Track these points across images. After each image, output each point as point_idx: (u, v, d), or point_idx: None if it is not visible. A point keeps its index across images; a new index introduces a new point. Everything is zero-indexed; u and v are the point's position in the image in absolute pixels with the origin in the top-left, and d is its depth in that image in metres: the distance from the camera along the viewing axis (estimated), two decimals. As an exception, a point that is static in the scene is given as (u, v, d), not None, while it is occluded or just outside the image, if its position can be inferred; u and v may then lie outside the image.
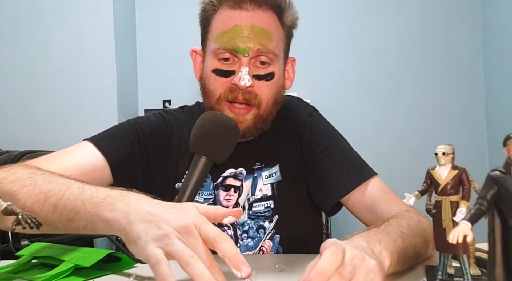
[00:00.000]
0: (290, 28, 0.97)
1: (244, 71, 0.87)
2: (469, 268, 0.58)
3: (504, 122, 2.30)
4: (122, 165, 0.92)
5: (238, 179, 0.97)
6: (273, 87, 0.92)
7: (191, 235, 0.55)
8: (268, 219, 0.95)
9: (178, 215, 0.56)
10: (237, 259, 0.53)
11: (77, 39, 2.18)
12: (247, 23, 0.87)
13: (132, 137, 0.95)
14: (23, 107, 2.19)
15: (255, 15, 0.88)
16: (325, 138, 0.98)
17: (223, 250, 0.54)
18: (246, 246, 0.94)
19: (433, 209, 0.61)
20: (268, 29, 0.89)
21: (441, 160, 0.61)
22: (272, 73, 0.91)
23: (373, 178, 0.93)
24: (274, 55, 0.90)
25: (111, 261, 0.77)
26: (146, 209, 0.58)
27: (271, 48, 0.89)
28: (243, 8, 0.88)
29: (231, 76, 0.88)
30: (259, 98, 0.90)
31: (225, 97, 0.89)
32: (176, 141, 1.00)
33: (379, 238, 0.64)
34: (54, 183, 0.70)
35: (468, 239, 0.46)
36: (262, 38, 0.88)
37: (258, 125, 0.92)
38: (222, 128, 0.73)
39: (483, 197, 0.48)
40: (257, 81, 0.89)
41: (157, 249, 0.54)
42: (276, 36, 0.91)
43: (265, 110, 0.92)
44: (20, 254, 0.78)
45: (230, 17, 0.89)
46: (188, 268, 0.52)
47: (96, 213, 0.63)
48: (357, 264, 0.51)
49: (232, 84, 0.88)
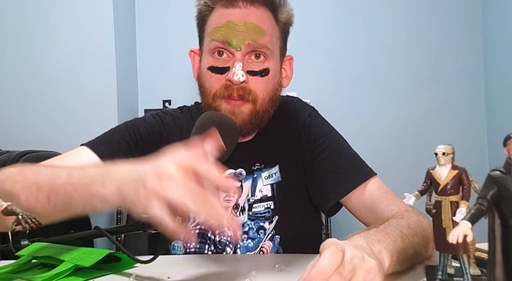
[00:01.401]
0: (286, 25, 0.97)
1: (238, 66, 0.87)
2: (469, 268, 0.58)
3: (504, 122, 2.30)
4: None
5: (237, 180, 0.97)
6: (268, 84, 0.92)
7: (173, 177, 0.55)
8: (268, 220, 0.95)
9: (159, 164, 0.58)
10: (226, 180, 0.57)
11: (77, 39, 2.18)
12: (240, 19, 0.89)
13: (129, 139, 0.95)
14: (23, 107, 2.19)
15: (248, 11, 0.89)
16: (325, 138, 0.98)
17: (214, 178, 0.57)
18: (246, 247, 0.94)
19: (433, 209, 0.61)
20: (261, 25, 0.90)
21: (441, 160, 0.61)
22: (267, 69, 0.91)
23: (373, 178, 0.93)
24: (268, 50, 0.90)
25: (111, 261, 0.77)
26: (132, 175, 0.59)
27: (263, 42, 0.89)
28: (236, 6, 0.89)
29: (226, 73, 0.89)
30: (253, 94, 0.90)
31: (221, 95, 0.90)
32: (175, 142, 1.00)
33: (379, 238, 0.64)
34: (42, 174, 0.71)
35: (468, 239, 0.46)
36: (254, 33, 0.88)
37: (254, 121, 0.92)
38: (222, 128, 0.73)
39: (483, 197, 0.48)
40: (252, 77, 0.90)
41: (156, 208, 0.54)
42: (269, 32, 0.91)
43: (261, 107, 0.92)
44: (20, 254, 0.78)
45: (223, 14, 0.90)
46: (194, 206, 0.55)
47: (90, 194, 0.64)
48: (356, 264, 0.51)
49: (227, 80, 0.89)
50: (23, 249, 0.79)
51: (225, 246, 0.94)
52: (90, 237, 0.81)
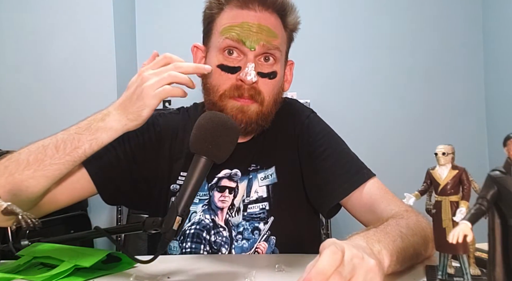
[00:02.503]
0: (292, 32, 0.98)
1: (251, 66, 0.88)
2: (469, 268, 0.58)
3: (504, 122, 2.30)
4: (106, 177, 0.94)
5: (233, 180, 0.97)
6: (275, 86, 0.93)
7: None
8: (263, 220, 0.95)
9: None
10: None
11: (77, 39, 2.18)
12: (255, 22, 0.89)
13: (118, 146, 0.96)
14: (23, 107, 2.18)
15: (262, 15, 0.90)
16: (323, 140, 0.98)
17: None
18: (241, 247, 0.94)
19: (433, 209, 0.61)
20: (274, 30, 0.91)
21: (441, 160, 0.61)
22: (275, 72, 0.92)
23: (372, 179, 0.93)
24: (278, 52, 0.91)
25: (111, 261, 0.77)
26: (123, 96, 0.83)
27: (276, 44, 0.91)
28: (251, 8, 0.90)
29: (237, 73, 0.89)
30: (262, 95, 0.91)
31: (230, 94, 0.89)
32: (167, 144, 1.00)
33: (378, 237, 0.64)
34: (41, 141, 0.83)
35: (468, 239, 0.46)
36: (269, 36, 0.90)
37: (260, 122, 0.92)
38: (222, 129, 0.73)
39: (483, 197, 0.48)
40: (261, 79, 0.90)
41: (157, 91, 0.79)
42: (280, 37, 0.93)
43: (267, 108, 0.92)
44: (20, 254, 0.78)
45: (238, 15, 0.90)
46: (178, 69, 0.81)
47: (95, 129, 0.81)
48: (356, 264, 0.51)
49: (238, 80, 0.89)
50: (23, 249, 0.79)
51: (220, 246, 0.94)
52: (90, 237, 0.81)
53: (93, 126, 0.81)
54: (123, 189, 0.96)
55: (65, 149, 0.81)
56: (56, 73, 2.18)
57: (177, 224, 0.65)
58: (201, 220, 0.95)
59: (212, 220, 0.95)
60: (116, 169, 0.94)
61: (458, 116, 2.47)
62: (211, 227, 0.95)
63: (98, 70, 2.18)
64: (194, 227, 0.95)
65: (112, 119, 0.82)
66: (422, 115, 2.47)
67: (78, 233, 0.88)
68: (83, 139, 0.81)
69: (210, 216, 0.95)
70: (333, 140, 0.99)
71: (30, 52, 2.19)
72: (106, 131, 0.81)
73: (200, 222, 0.95)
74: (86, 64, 2.18)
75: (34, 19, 2.19)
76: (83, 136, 0.81)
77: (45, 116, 2.18)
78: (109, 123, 0.81)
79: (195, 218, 0.95)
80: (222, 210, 0.95)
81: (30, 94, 2.19)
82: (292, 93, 2.29)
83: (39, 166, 0.80)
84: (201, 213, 0.96)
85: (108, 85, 2.18)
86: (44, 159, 0.80)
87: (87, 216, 2.07)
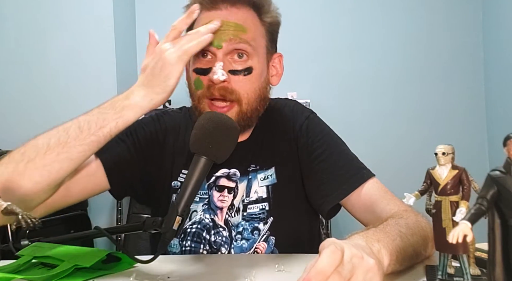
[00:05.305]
0: (272, 25, 0.97)
1: (218, 65, 0.87)
2: (469, 268, 0.58)
3: (504, 122, 2.30)
4: (119, 171, 0.95)
5: (231, 180, 0.97)
6: (253, 82, 0.92)
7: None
8: (262, 221, 0.95)
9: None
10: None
11: (77, 39, 2.18)
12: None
13: (127, 140, 0.97)
14: (23, 107, 2.18)
15: (228, 12, 0.90)
16: (323, 141, 0.98)
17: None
18: (240, 247, 0.94)
19: (433, 209, 0.61)
20: (241, 23, 0.90)
21: (441, 160, 0.61)
22: (250, 68, 0.91)
23: (371, 179, 0.93)
24: (250, 47, 0.90)
25: (111, 261, 0.77)
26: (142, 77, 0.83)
27: (245, 38, 0.89)
28: (217, 8, 0.90)
29: (209, 74, 0.89)
30: (236, 94, 0.89)
31: (204, 95, 0.90)
32: (171, 140, 1.02)
33: (378, 237, 0.64)
34: (59, 126, 0.82)
35: (468, 239, 0.46)
36: (236, 30, 0.89)
37: (241, 122, 0.91)
38: (222, 128, 0.73)
39: (483, 197, 0.48)
40: (234, 76, 0.89)
41: (179, 54, 0.81)
42: (252, 30, 0.91)
43: (248, 106, 0.91)
44: (20, 254, 0.78)
45: (207, 17, 0.90)
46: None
47: (120, 108, 0.80)
48: (356, 263, 0.51)
49: (209, 81, 0.89)
50: (23, 249, 0.79)
51: (220, 246, 0.94)
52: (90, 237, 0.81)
53: (118, 104, 0.80)
54: (131, 182, 0.98)
55: (90, 129, 0.79)
56: (56, 73, 2.18)
57: (177, 224, 0.65)
58: (202, 219, 0.95)
59: (212, 219, 0.95)
60: (127, 161, 0.96)
61: (458, 116, 2.47)
62: (211, 226, 0.95)
63: (98, 70, 2.18)
64: (196, 226, 0.95)
65: (137, 95, 0.81)
66: (422, 115, 2.47)
67: (78, 233, 0.88)
68: (108, 118, 0.79)
69: (210, 215, 0.96)
70: (332, 141, 0.99)
71: (29, 53, 2.19)
72: (132, 108, 0.80)
73: (201, 221, 0.95)
74: (86, 63, 2.18)
75: (34, 19, 2.19)
76: (108, 115, 0.80)
77: (45, 116, 2.18)
78: (134, 100, 0.80)
79: (196, 217, 0.96)
80: (222, 210, 0.95)
81: (30, 94, 2.19)
82: (292, 93, 2.29)
83: (63, 148, 0.78)
84: (202, 212, 0.96)
85: (108, 84, 2.18)
86: (68, 141, 0.78)
87: (87, 216, 2.08)
